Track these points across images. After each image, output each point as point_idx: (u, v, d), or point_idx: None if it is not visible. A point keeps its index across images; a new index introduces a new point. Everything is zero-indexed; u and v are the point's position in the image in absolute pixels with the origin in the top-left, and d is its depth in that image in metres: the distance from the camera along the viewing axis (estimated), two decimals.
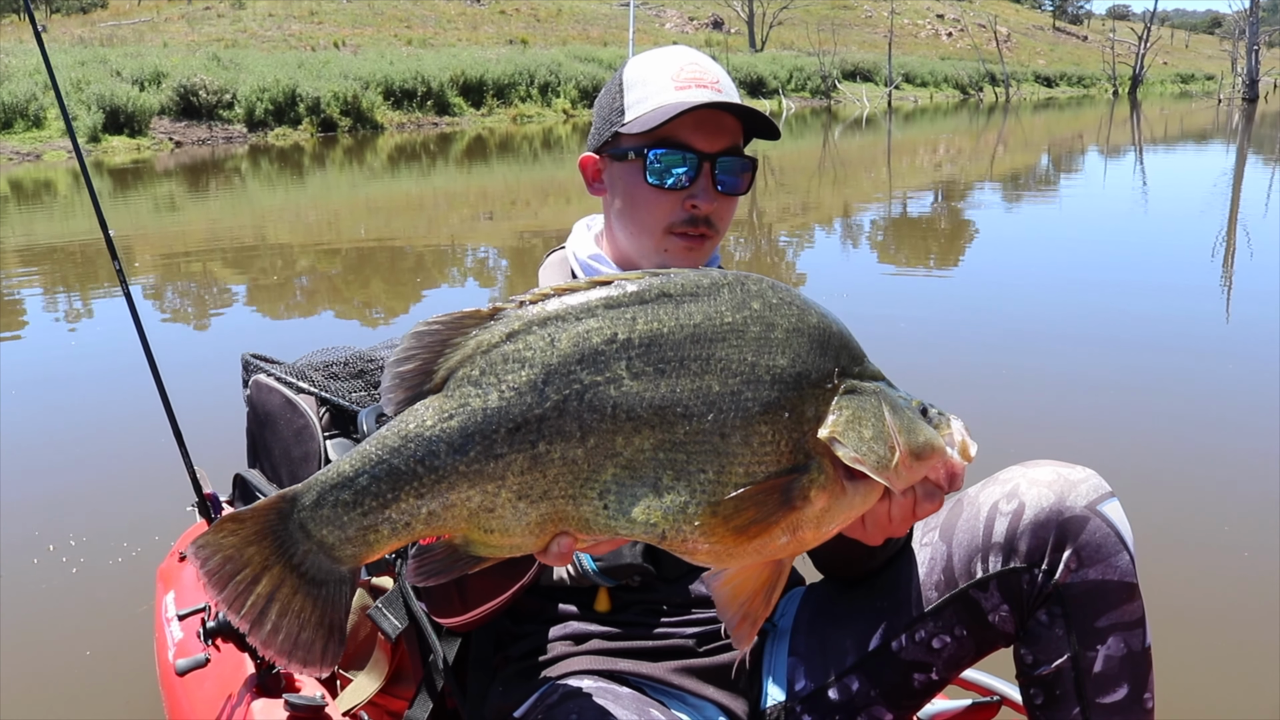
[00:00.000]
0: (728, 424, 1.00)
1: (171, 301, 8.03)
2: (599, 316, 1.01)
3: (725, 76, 1.61)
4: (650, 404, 0.99)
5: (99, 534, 3.67)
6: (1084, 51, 69.75)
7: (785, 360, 1.02)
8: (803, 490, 1.01)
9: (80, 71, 23.09)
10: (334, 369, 2.49)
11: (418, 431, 1.00)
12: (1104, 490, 1.43)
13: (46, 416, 5.10)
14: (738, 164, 1.58)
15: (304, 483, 1.04)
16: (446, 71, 28.62)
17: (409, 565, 1.06)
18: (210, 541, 1.03)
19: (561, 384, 0.99)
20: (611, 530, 1.01)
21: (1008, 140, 25.11)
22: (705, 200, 1.56)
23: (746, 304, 1.03)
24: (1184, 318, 6.72)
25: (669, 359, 1.00)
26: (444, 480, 1.00)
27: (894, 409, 1.06)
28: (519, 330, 1.01)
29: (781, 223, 11.69)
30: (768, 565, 1.07)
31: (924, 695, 1.54)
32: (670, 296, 1.02)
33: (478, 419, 1.00)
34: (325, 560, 1.04)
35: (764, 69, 38.71)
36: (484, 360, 1.01)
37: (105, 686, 2.86)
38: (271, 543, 1.03)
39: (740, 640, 1.08)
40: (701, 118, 1.54)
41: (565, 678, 1.50)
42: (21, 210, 13.65)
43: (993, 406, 4.83)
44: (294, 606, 1.04)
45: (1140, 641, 1.41)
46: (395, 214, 13.08)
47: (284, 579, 1.04)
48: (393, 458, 1.01)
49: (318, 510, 1.03)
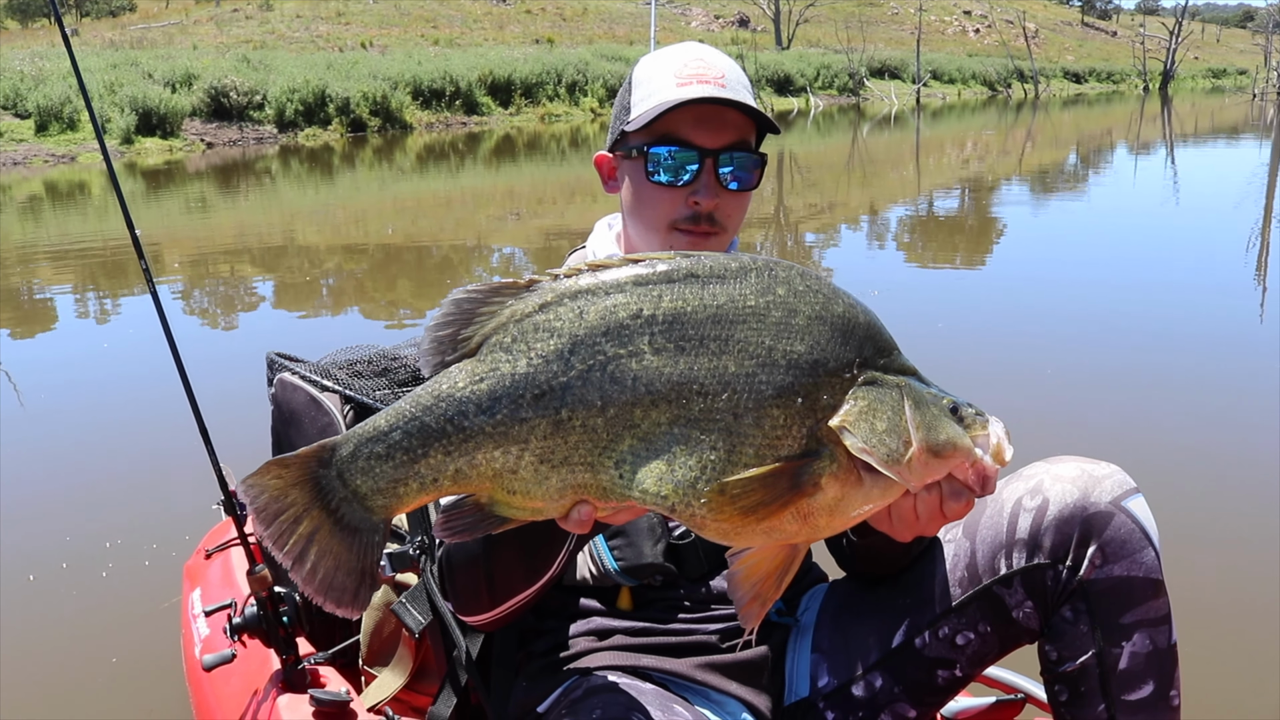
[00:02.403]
0: (740, 405, 1.02)
1: (200, 300, 8.10)
2: (627, 292, 1.04)
3: (734, 71, 1.59)
4: (669, 379, 1.02)
5: (128, 532, 3.71)
6: (1113, 47, 69.18)
7: (803, 346, 1.03)
8: (814, 477, 1.01)
9: (113, 74, 23.30)
10: (358, 367, 2.50)
11: (449, 392, 1.05)
12: (1129, 486, 1.41)
13: (76, 416, 5.15)
14: (744, 160, 1.56)
15: (343, 434, 1.09)
16: (474, 71, 28.70)
17: (438, 519, 1.09)
18: (258, 482, 1.09)
19: (587, 354, 1.03)
20: (628, 498, 1.04)
21: (1037, 137, 24.92)
22: (707, 196, 1.54)
23: (772, 289, 1.05)
24: (1216, 315, 6.66)
25: (690, 337, 1.02)
26: (471, 440, 1.04)
27: (917, 404, 1.05)
28: (551, 301, 1.05)
29: (809, 220, 11.65)
30: (783, 549, 1.08)
31: (948, 692, 1.53)
32: (697, 277, 1.05)
33: (506, 383, 1.04)
34: (359, 509, 1.09)
35: (791, 66, 38.59)
36: (516, 328, 1.05)
37: (133, 684, 2.88)
38: (312, 487, 1.09)
39: (747, 620, 1.09)
40: (703, 113, 1.53)
41: (589, 673, 1.50)
42: (56, 212, 13.79)
43: (1018, 401, 4.80)
44: (331, 549, 1.10)
45: (1166, 638, 1.40)
46: (423, 213, 13.13)
47: (322, 522, 1.09)
48: (425, 415, 1.05)
49: (353, 461, 1.07)
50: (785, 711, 1.56)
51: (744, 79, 1.61)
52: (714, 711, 1.50)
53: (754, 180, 1.59)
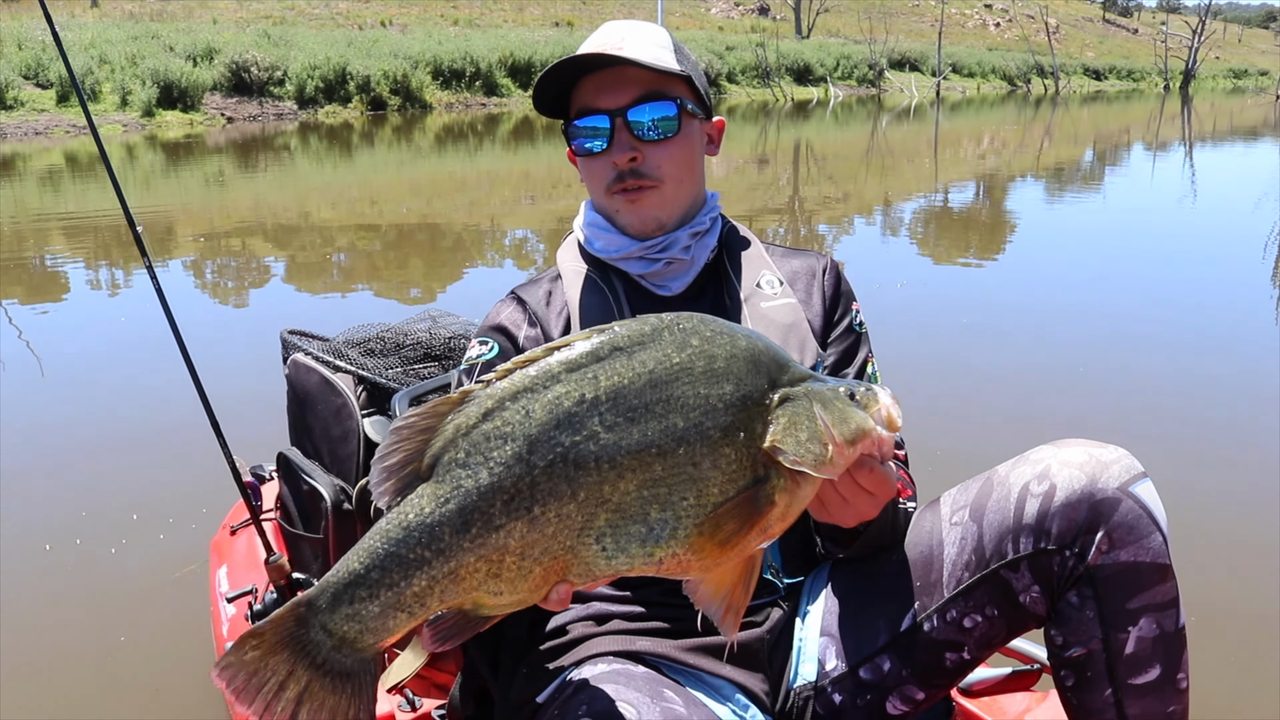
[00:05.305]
0: (697, 453, 1.09)
1: (214, 274, 8.13)
2: (564, 381, 1.08)
3: (641, 35, 1.64)
4: (628, 450, 1.07)
5: (143, 506, 3.74)
6: (1134, 45, 68.72)
7: (731, 386, 1.12)
8: (767, 496, 1.12)
9: (134, 46, 23.35)
10: (370, 345, 2.53)
11: (418, 520, 1.07)
12: (1136, 470, 1.41)
13: (90, 392, 5.19)
14: (652, 109, 1.60)
15: (316, 586, 1.10)
16: (495, 52, 28.67)
17: (424, 637, 1.13)
18: (234, 661, 1.09)
19: (545, 450, 1.06)
20: (614, 568, 1.10)
21: (1055, 133, 24.80)
22: (619, 153, 1.61)
23: (687, 343, 1.12)
24: (1231, 315, 6.65)
25: (635, 406, 1.08)
26: (452, 559, 1.07)
27: (824, 404, 1.15)
28: (493, 408, 1.08)
29: (822, 211, 11.63)
30: (743, 561, 1.17)
31: (956, 674, 1.54)
32: (622, 349, 1.10)
33: (474, 498, 1.06)
34: (349, 653, 1.11)
35: (810, 56, 38.46)
36: (466, 442, 1.08)
37: (149, 654, 2.91)
38: (293, 648, 1.10)
39: (728, 630, 1.18)
40: (602, 80, 1.61)
41: (582, 664, 1.51)
42: (75, 182, 13.84)
43: (1025, 388, 4.84)
44: (326, 703, 1.11)
45: (1173, 622, 1.40)
46: (438, 194, 13.15)
47: (310, 680, 1.11)
48: (399, 548, 1.07)
49: (335, 610, 1.09)
50: (790, 694, 1.57)
51: (658, 40, 1.66)
52: (707, 694, 1.51)
53: (676, 128, 1.62)
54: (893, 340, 4.72)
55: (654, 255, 1.67)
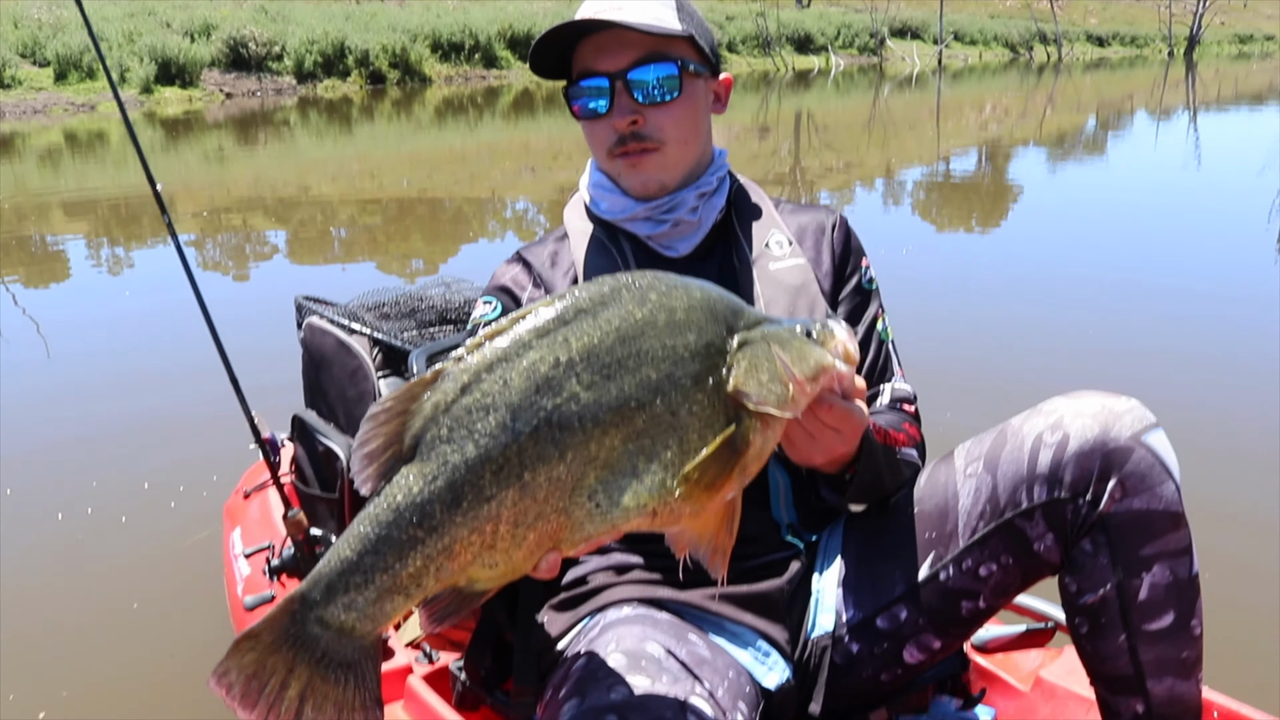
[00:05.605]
0: (674, 402, 1.12)
1: (216, 249, 8.12)
2: (536, 348, 1.09)
3: None
4: (609, 406, 1.09)
5: (154, 474, 3.77)
6: (1137, 10, 68.16)
7: (694, 335, 1.14)
8: (743, 437, 1.15)
9: (130, 23, 23.20)
10: (385, 309, 2.53)
11: (407, 500, 1.07)
12: (1149, 420, 1.42)
13: (99, 360, 5.21)
14: (653, 70, 1.59)
15: (307, 580, 1.10)
16: (494, 25, 28.48)
17: (421, 619, 1.13)
18: (231, 665, 1.08)
19: (529, 416, 1.07)
20: (609, 523, 1.11)
21: (1058, 100, 24.68)
22: (620, 116, 1.60)
23: (646, 298, 1.14)
24: (1235, 275, 6.67)
25: (609, 363, 1.10)
26: (446, 535, 1.07)
27: (782, 345, 1.18)
28: (470, 382, 1.08)
29: (823, 180, 11.61)
30: (724, 505, 1.19)
31: (973, 623, 1.55)
32: (585, 311, 1.12)
33: (462, 471, 1.06)
34: (349, 643, 1.11)
35: (811, 25, 38.19)
36: (448, 419, 1.08)
37: (162, 618, 2.94)
38: (291, 646, 1.10)
39: (716, 570, 1.20)
40: (601, 42, 1.60)
41: (606, 609, 1.54)
42: (75, 161, 13.81)
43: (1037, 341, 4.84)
44: (330, 696, 1.10)
45: (1187, 570, 1.41)
46: (439, 167, 13.12)
47: (311, 675, 1.10)
48: (391, 531, 1.07)
49: (330, 601, 1.09)
50: (808, 643, 1.59)
51: (661, 2, 1.62)
52: (730, 640, 1.52)
53: (677, 89, 1.61)
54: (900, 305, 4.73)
55: (660, 216, 1.67)
